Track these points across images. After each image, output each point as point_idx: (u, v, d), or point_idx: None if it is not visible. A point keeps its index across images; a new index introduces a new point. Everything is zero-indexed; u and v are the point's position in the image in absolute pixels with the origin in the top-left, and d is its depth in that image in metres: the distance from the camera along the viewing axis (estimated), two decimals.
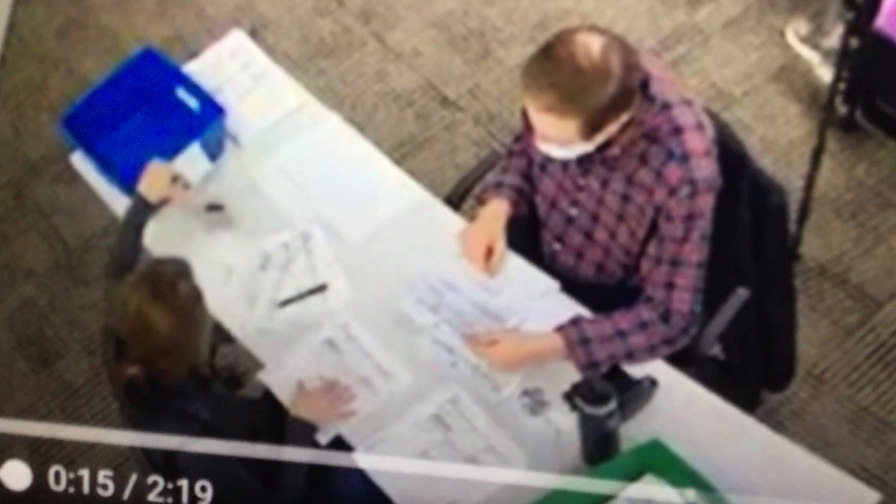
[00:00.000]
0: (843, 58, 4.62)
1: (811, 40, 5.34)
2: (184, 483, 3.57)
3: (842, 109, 4.85)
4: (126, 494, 3.57)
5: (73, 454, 3.80)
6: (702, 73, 5.41)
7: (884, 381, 4.70)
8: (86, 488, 3.55)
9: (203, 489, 3.56)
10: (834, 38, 5.08)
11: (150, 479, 3.61)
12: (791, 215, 4.25)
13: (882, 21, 4.42)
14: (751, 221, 4.01)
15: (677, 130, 3.71)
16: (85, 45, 5.70)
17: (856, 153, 5.12)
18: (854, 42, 4.54)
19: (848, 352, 4.76)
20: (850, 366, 4.74)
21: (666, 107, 3.72)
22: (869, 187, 5.08)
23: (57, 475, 3.55)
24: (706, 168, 3.71)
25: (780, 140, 5.21)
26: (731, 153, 3.87)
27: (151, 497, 3.59)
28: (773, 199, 4.01)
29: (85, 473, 3.55)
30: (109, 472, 3.56)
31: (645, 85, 3.69)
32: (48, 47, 5.74)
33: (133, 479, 3.58)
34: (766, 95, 5.34)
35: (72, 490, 3.55)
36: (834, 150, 5.07)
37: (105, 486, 3.56)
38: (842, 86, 4.72)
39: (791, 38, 5.41)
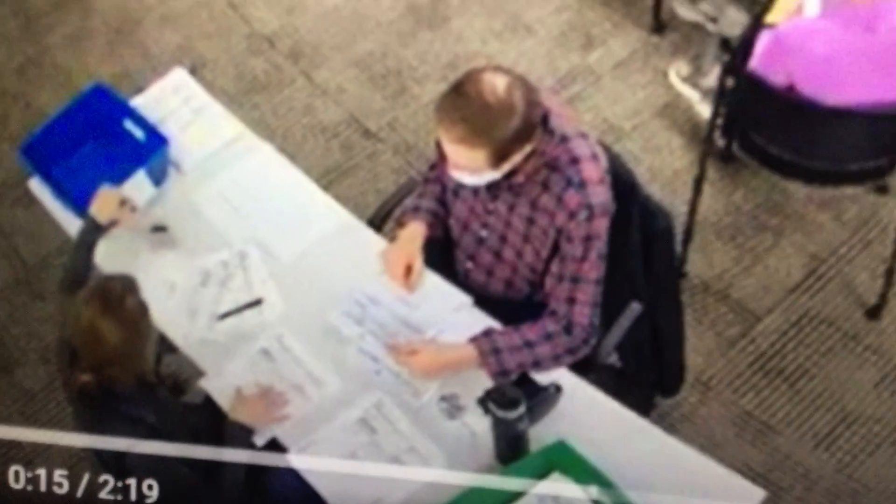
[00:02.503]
0: (720, 96, 4.61)
1: (691, 80, 5.36)
2: (132, 482, 3.52)
3: (720, 142, 4.83)
4: (80, 492, 3.51)
5: (30, 455, 3.76)
6: (595, 110, 5.41)
7: (765, 388, 4.70)
8: (43, 486, 3.50)
9: (150, 487, 3.51)
10: (712, 79, 5.08)
11: (102, 478, 3.55)
12: (677, 237, 4.24)
13: (754, 63, 4.41)
14: (641, 242, 4.00)
15: (575, 160, 3.70)
16: (41, 82, 5.66)
17: (733, 181, 5.14)
18: (730, 82, 4.52)
19: (731, 361, 4.77)
20: (734, 373, 4.74)
21: (564, 139, 3.71)
22: (746, 212, 5.09)
23: (17, 474, 3.50)
24: (601, 194, 3.70)
25: (665, 170, 5.22)
26: (622, 181, 3.86)
27: (103, 494, 3.54)
28: (661, 223, 4.01)
29: (42, 472, 3.50)
30: (64, 472, 3.51)
31: (545, 119, 3.68)
32: (8, 83, 5.68)
33: (86, 477, 3.53)
34: (652, 130, 5.34)
35: (30, 488, 3.50)
36: (714, 178, 5.09)
37: (60, 485, 3.51)
38: (720, 121, 4.70)
39: (673, 79, 5.42)
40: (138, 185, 4.11)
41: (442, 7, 5.74)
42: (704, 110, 5.17)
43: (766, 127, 4.57)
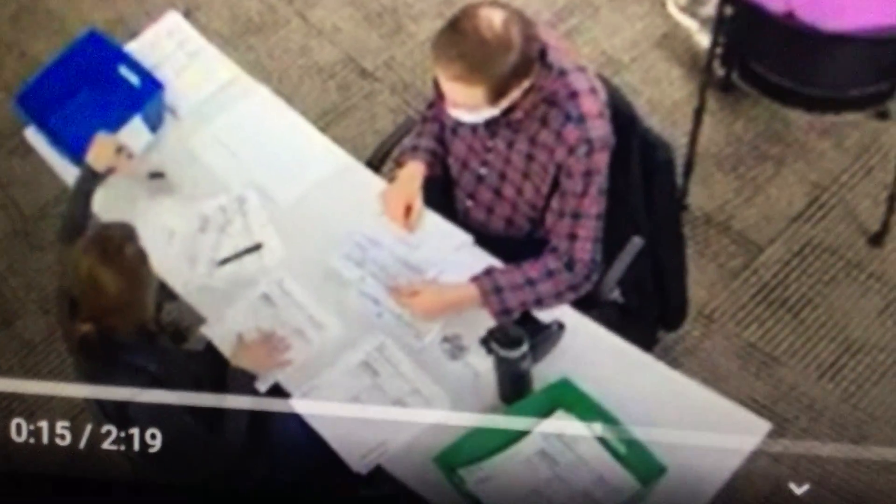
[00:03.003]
0: (718, 24, 4.58)
1: (690, 9, 5.29)
2: (135, 431, 3.50)
3: (719, 72, 4.77)
4: (82, 443, 3.49)
5: (32, 407, 3.77)
6: (593, 43, 5.34)
7: (768, 319, 4.69)
8: (45, 439, 3.48)
9: (153, 436, 3.50)
10: (710, 7, 5.03)
11: (104, 428, 3.52)
12: (678, 169, 4.21)
13: None
14: (642, 176, 3.97)
15: (573, 95, 3.68)
16: (35, 30, 5.58)
17: (734, 111, 5.10)
18: (728, 10, 4.49)
19: (734, 293, 4.75)
20: (737, 305, 4.72)
21: (562, 73, 3.69)
22: (747, 142, 5.06)
23: (18, 427, 3.48)
24: (601, 128, 3.68)
25: (665, 101, 5.17)
26: (622, 114, 3.84)
27: (105, 445, 3.51)
28: (661, 155, 3.99)
29: (44, 425, 3.48)
30: (66, 423, 3.49)
31: (543, 54, 3.65)
32: (2, 32, 5.61)
33: (88, 428, 3.51)
34: (651, 61, 5.29)
35: (32, 441, 3.48)
36: (714, 108, 5.05)
37: (63, 437, 3.48)
38: (719, 50, 4.66)
39: (671, 8, 5.35)
40: (134, 132, 4.07)
41: None
42: (703, 40, 5.10)
43: (765, 55, 4.54)
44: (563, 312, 3.71)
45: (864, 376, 4.56)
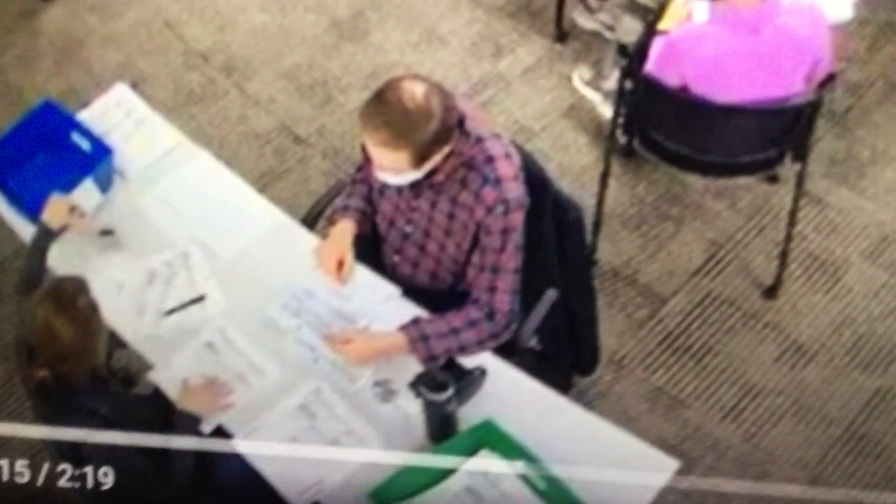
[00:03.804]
0: (620, 97, 4.64)
1: (593, 84, 5.36)
2: (89, 469, 3.49)
3: (622, 140, 4.82)
4: (40, 480, 3.48)
5: None
6: (506, 112, 5.41)
7: (673, 365, 4.71)
8: (5, 475, 3.46)
9: (105, 474, 3.48)
10: (612, 82, 5.07)
11: (61, 466, 3.53)
12: (587, 228, 4.24)
13: (650, 66, 4.43)
14: (555, 233, 4.01)
15: (490, 159, 3.71)
16: None
17: (636, 175, 5.16)
18: (628, 84, 4.54)
19: (641, 340, 4.77)
20: (645, 352, 4.74)
21: (479, 140, 3.72)
22: (649, 203, 5.11)
23: None
24: (516, 190, 3.71)
25: (573, 166, 5.22)
26: (535, 177, 3.87)
27: (62, 482, 3.51)
28: (572, 215, 4.02)
29: (4, 463, 3.47)
30: (25, 462, 3.48)
31: (461, 122, 3.69)
32: None
33: (46, 467, 3.50)
34: (560, 130, 5.34)
35: None
36: (618, 173, 5.10)
37: (21, 474, 3.47)
38: (621, 120, 4.70)
39: (577, 83, 5.42)
40: (86, 193, 4.08)
41: (362, 22, 5.73)
42: (606, 111, 5.15)
43: (663, 124, 4.59)
44: (485, 359, 3.72)
45: (763, 418, 4.58)
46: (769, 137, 4.49)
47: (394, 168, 3.67)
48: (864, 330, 4.77)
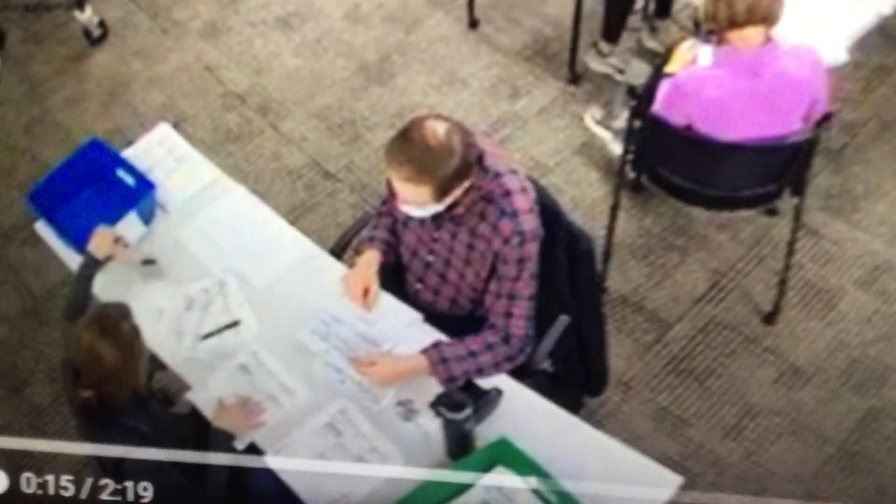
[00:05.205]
0: (629, 135, 4.63)
1: (604, 123, 5.34)
2: (129, 485, 3.47)
3: (631, 175, 4.80)
4: (84, 495, 3.48)
5: (40, 463, 3.68)
6: (523, 149, 5.38)
7: (678, 387, 4.68)
8: (51, 490, 3.46)
9: (145, 489, 3.47)
10: (621, 121, 5.06)
11: (103, 482, 3.50)
12: (597, 257, 4.22)
13: (657, 107, 4.40)
14: (567, 263, 3.98)
15: (507, 193, 3.70)
16: (45, 138, 5.60)
17: (644, 208, 5.13)
18: (636, 123, 4.54)
19: (648, 363, 4.74)
20: (651, 374, 4.72)
21: (497, 175, 3.71)
22: (655, 234, 5.08)
23: (28, 480, 3.46)
24: (531, 222, 3.70)
25: (585, 199, 5.19)
26: (549, 210, 3.86)
27: (104, 496, 3.49)
28: (583, 245, 4.00)
29: (50, 478, 3.46)
30: (70, 477, 3.48)
31: (480, 159, 3.68)
32: (16, 140, 5.63)
33: (89, 482, 3.49)
34: (572, 166, 5.32)
35: (40, 492, 3.46)
36: (627, 206, 5.07)
37: (66, 489, 3.47)
38: (630, 157, 4.69)
39: (588, 122, 5.39)
40: (130, 225, 4.08)
41: (388, 66, 5.72)
42: (616, 148, 5.14)
43: (669, 161, 4.57)
44: (501, 380, 3.71)
45: (763, 436, 4.55)
46: (769, 173, 4.47)
47: (417, 201, 3.66)
48: (858, 354, 4.73)
